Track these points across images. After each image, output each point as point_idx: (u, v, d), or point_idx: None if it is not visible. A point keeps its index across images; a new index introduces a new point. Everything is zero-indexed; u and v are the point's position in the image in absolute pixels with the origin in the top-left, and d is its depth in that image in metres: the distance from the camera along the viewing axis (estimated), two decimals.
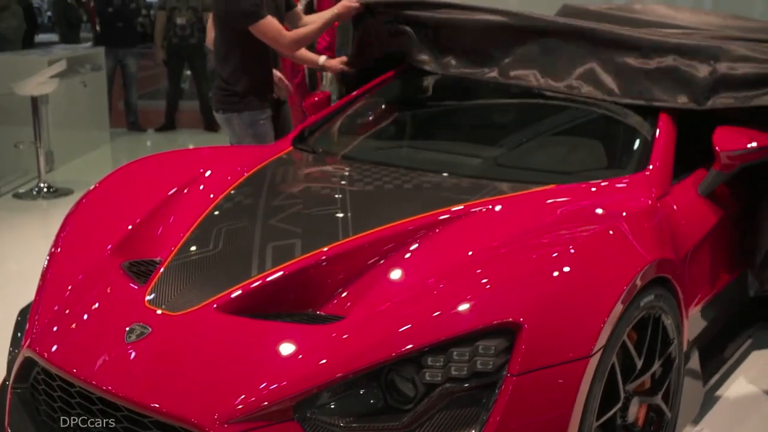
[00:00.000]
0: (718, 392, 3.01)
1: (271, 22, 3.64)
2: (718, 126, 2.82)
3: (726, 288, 3.02)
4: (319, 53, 4.81)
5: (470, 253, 2.19)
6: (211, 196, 2.69)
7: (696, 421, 2.78)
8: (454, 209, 2.43)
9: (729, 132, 2.79)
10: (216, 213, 2.57)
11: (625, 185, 2.63)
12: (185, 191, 2.77)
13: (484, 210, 2.43)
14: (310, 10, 5.04)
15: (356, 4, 3.64)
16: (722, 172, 2.78)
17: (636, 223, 2.38)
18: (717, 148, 2.73)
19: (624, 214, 2.41)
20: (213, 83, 4.02)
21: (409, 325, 1.93)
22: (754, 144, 2.72)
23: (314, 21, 3.87)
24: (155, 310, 2.11)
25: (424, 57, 3.41)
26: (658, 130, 2.84)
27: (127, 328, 2.06)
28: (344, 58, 3.97)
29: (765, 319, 3.34)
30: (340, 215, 2.48)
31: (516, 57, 3.20)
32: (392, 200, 2.61)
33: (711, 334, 3.00)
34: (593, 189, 2.61)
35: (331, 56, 4.72)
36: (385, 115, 3.58)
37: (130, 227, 2.58)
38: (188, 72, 8.78)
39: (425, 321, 1.94)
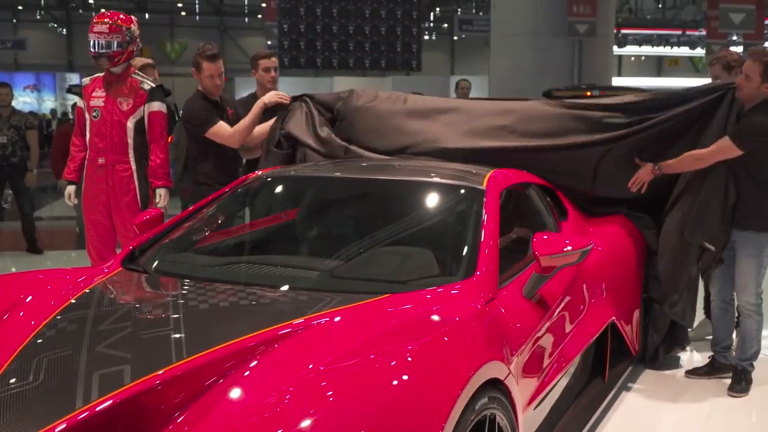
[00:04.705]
0: None
1: (221, 125, 4.60)
2: (535, 233, 3.03)
3: (559, 381, 3.16)
4: (154, 171, 4.75)
5: (311, 366, 2.17)
6: (33, 323, 2.52)
7: None
8: (294, 323, 2.41)
9: (547, 237, 2.99)
10: (38, 341, 2.41)
11: (457, 291, 2.73)
12: (4, 319, 2.59)
13: (324, 322, 2.44)
14: (141, 127, 4.96)
15: (286, 99, 4.55)
16: (543, 275, 2.96)
17: (467, 328, 2.47)
18: (536, 252, 2.90)
19: (457, 319, 2.50)
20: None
21: None
22: (570, 247, 2.93)
23: (244, 119, 4.61)
24: None
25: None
26: (483, 237, 3.00)
27: None
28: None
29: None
30: (175, 336, 2.39)
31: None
32: (230, 317, 2.56)
33: (549, 428, 3.11)
34: (428, 296, 2.69)
35: (166, 174, 4.75)
36: (220, 231, 3.55)
37: None
38: (9, 191, 8.35)
39: None
